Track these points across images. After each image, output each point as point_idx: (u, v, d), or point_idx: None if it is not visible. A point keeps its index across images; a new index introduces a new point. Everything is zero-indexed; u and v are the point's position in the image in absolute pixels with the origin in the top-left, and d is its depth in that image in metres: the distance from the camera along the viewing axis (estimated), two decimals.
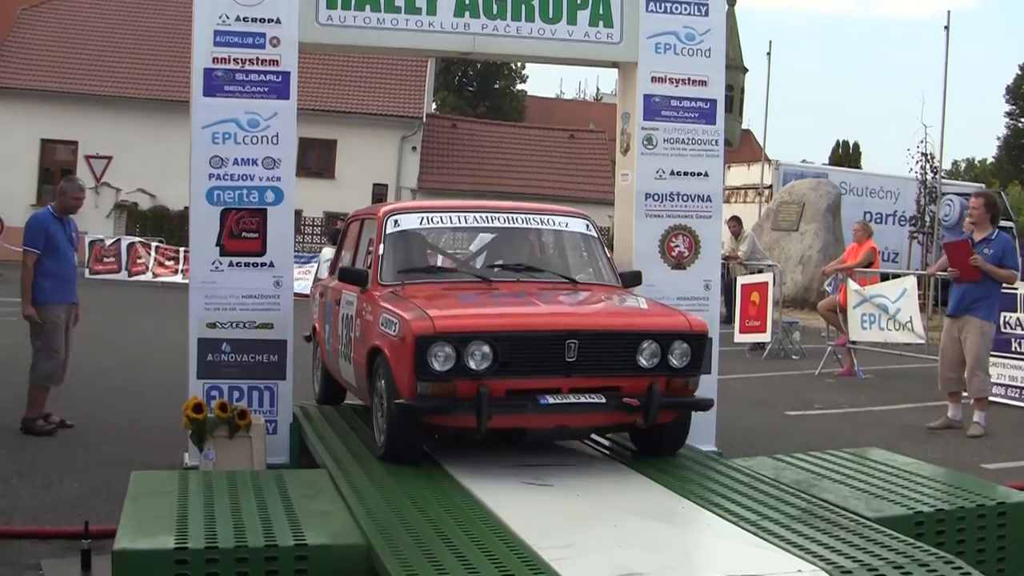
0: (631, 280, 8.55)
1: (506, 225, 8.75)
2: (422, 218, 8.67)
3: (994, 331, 12.01)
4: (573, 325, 7.03)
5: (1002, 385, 13.67)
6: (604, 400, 6.92)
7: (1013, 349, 13.41)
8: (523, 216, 8.82)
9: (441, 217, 8.81)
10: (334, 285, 9.26)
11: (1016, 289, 13.01)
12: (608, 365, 7.03)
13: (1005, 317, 13.40)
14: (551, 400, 6.82)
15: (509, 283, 8.07)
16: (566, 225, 8.87)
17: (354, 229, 9.80)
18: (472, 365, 6.72)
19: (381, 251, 8.23)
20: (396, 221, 8.42)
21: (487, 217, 8.79)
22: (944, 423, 12.08)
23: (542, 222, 8.91)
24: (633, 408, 6.97)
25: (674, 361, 7.13)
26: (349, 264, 9.31)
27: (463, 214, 8.87)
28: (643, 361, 7.06)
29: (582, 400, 6.88)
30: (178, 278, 29.69)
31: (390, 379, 7.03)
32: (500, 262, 8.65)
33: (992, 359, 12.41)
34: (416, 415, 6.85)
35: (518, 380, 6.88)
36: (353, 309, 8.31)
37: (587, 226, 8.85)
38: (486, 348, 6.73)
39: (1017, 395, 13.65)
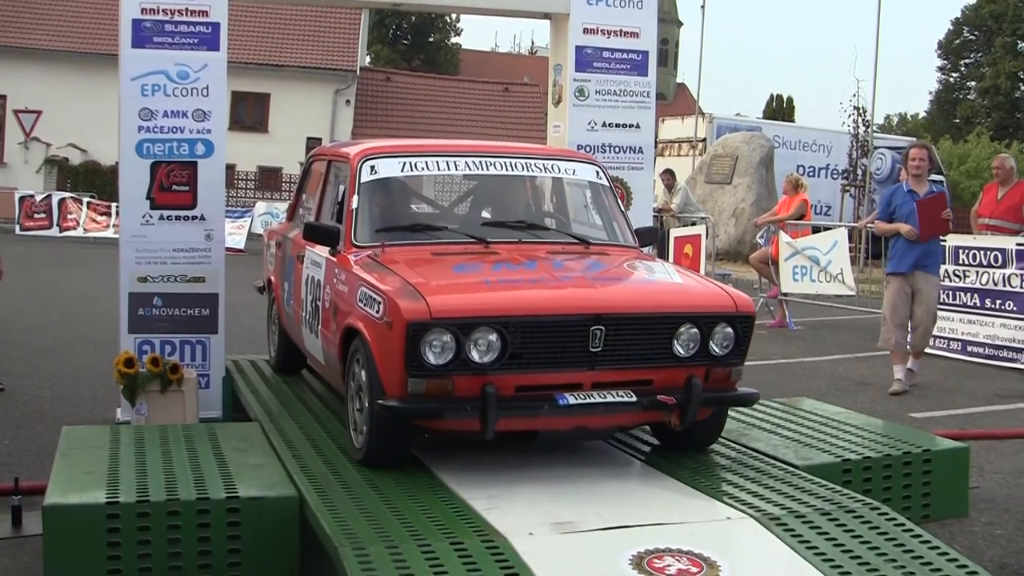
0: (646, 238, 7.54)
1: (503, 172, 7.35)
2: (403, 163, 7.21)
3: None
4: (601, 307, 5.74)
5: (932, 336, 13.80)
6: (635, 399, 5.76)
7: (942, 301, 13.54)
8: (524, 160, 7.48)
9: (426, 162, 7.30)
10: (294, 236, 8.11)
11: (945, 242, 13.06)
12: (639, 354, 5.84)
13: None
14: (572, 400, 5.66)
15: (510, 245, 6.74)
16: (574, 172, 7.64)
17: (317, 171, 8.37)
18: (476, 357, 5.55)
19: (355, 204, 6.90)
20: (373, 167, 7.06)
21: (481, 162, 7.31)
22: (902, 387, 11.58)
23: (546, 168, 7.66)
24: (668, 406, 5.85)
25: (716, 348, 5.97)
26: (313, 215, 7.99)
27: (452, 158, 7.39)
28: (680, 349, 5.89)
29: (608, 399, 5.71)
30: (110, 233, 29.33)
31: (373, 372, 5.79)
32: (498, 218, 7.39)
33: None
34: (405, 418, 5.73)
35: (531, 375, 5.71)
36: (321, 273, 7.10)
37: (597, 173, 7.61)
38: (493, 336, 5.55)
39: (945, 345, 13.83)
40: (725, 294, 6.15)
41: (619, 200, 7.65)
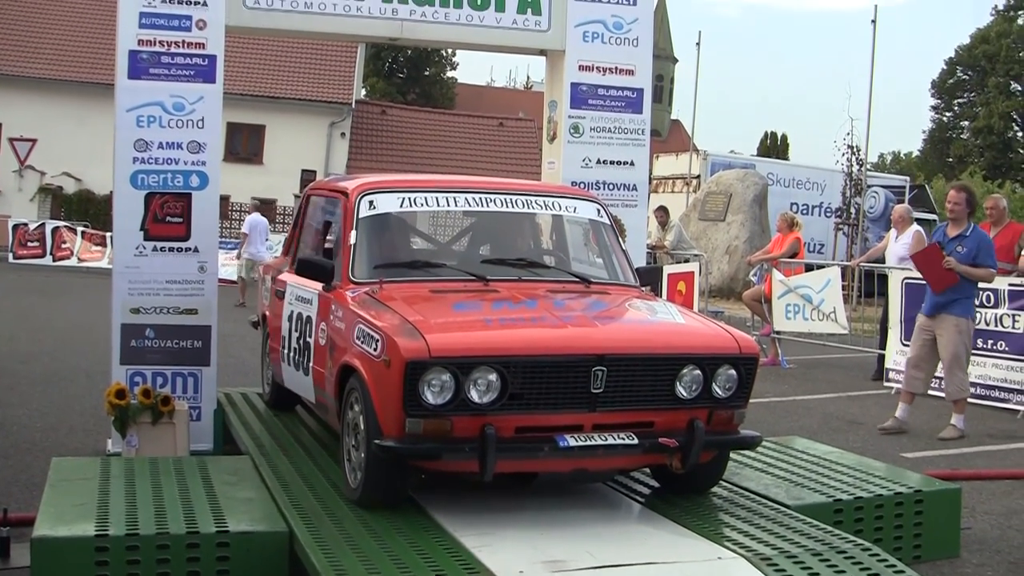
0: (648, 277, 7.54)
1: (503, 209, 7.27)
2: (402, 199, 7.17)
3: (972, 328, 11.49)
4: (603, 347, 5.70)
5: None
6: (636, 441, 5.68)
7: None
8: (524, 197, 7.40)
9: (425, 198, 7.24)
10: (284, 274, 8.14)
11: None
12: (641, 396, 5.78)
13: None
14: (572, 442, 5.56)
15: (510, 283, 6.70)
16: (574, 210, 7.60)
17: (314, 205, 8.27)
18: (475, 397, 5.48)
19: (353, 240, 6.84)
20: (371, 202, 7.01)
21: (481, 198, 7.27)
22: (895, 424, 11.52)
23: (546, 205, 7.59)
24: (669, 449, 5.79)
25: (719, 390, 5.91)
26: (310, 250, 7.90)
27: (451, 194, 7.32)
28: (682, 390, 5.83)
29: (609, 441, 5.64)
30: (104, 263, 29.31)
31: (370, 411, 5.72)
32: (497, 255, 7.29)
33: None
34: (402, 459, 5.66)
35: (532, 416, 5.63)
36: (312, 309, 7.09)
37: (598, 211, 7.57)
38: (493, 376, 5.48)
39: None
40: (728, 335, 6.10)
41: (619, 238, 7.63)
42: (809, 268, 17.99)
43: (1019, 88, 73.03)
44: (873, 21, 28.81)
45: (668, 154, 40.54)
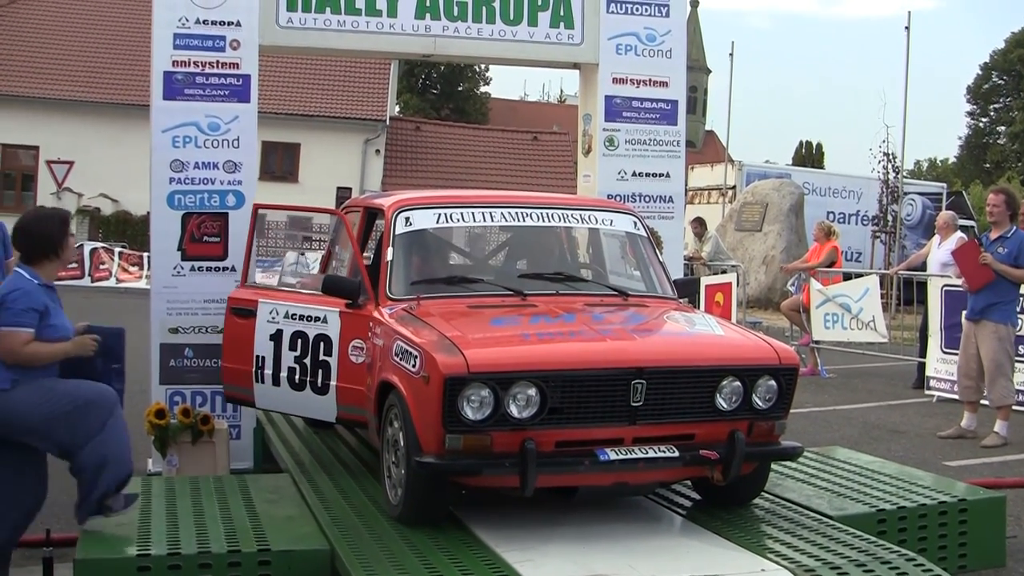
0: (687, 289, 7.47)
1: (540, 223, 7.25)
2: (439, 215, 7.13)
3: (1013, 335, 11.37)
4: (642, 360, 5.67)
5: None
6: (677, 453, 5.66)
7: None
8: (560, 211, 7.40)
9: (462, 213, 7.21)
10: (240, 290, 7.80)
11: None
12: (681, 408, 5.77)
13: None
14: (612, 455, 5.54)
15: (547, 298, 6.67)
16: (611, 223, 7.56)
17: (350, 223, 7.95)
18: (515, 412, 5.46)
19: (390, 256, 6.81)
20: (408, 219, 6.99)
21: (517, 213, 7.21)
22: (956, 432, 11.56)
23: (583, 219, 7.58)
24: (710, 461, 5.75)
25: (759, 401, 5.89)
26: (346, 269, 7.77)
27: (487, 209, 7.25)
28: (722, 403, 5.81)
29: (650, 455, 5.61)
30: (141, 283, 29.47)
31: (410, 428, 5.69)
32: (534, 270, 7.27)
33: None
34: (443, 475, 5.63)
35: (572, 430, 5.62)
36: (331, 327, 6.90)
37: (635, 223, 7.51)
38: (532, 391, 5.46)
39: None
40: (768, 346, 6.09)
41: (656, 251, 7.54)
42: (847, 277, 17.91)
43: None
44: (907, 27, 28.74)
45: (703, 165, 40.44)
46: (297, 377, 7.06)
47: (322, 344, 6.94)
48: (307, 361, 7.01)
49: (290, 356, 7.06)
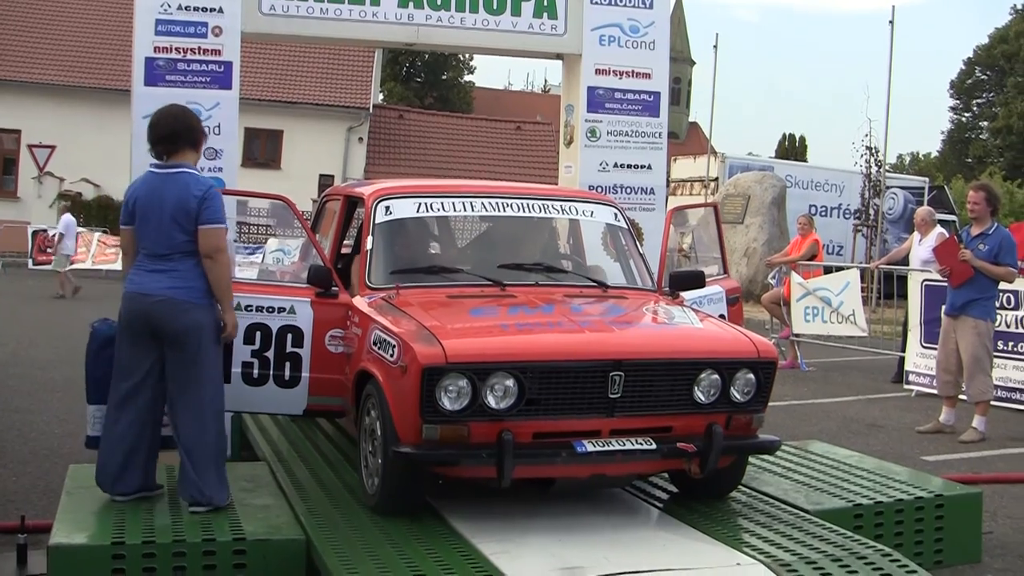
0: (690, 282, 7.20)
1: (520, 214, 7.27)
2: (419, 204, 7.16)
3: (992, 330, 11.44)
4: (620, 353, 5.68)
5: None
6: (654, 446, 5.66)
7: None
8: (541, 202, 7.44)
9: (442, 203, 7.28)
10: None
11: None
12: (659, 401, 5.76)
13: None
14: (590, 447, 5.54)
15: (526, 288, 6.68)
16: (591, 214, 7.56)
17: (330, 211, 8.23)
18: (492, 403, 5.45)
19: (369, 245, 6.82)
20: (388, 208, 6.99)
21: (498, 203, 7.21)
22: (934, 427, 11.63)
23: (563, 210, 7.60)
24: (688, 454, 5.75)
25: (737, 395, 5.89)
26: (326, 254, 7.43)
27: (468, 199, 7.32)
28: (700, 395, 5.81)
29: (627, 447, 5.62)
30: (117, 264, 29.19)
31: (387, 418, 5.67)
32: (514, 261, 7.09)
33: None
34: (420, 465, 5.65)
35: (549, 421, 5.61)
36: (300, 318, 6.74)
37: (615, 215, 7.55)
38: (510, 382, 5.45)
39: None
40: (747, 340, 6.08)
41: (637, 243, 7.52)
42: (828, 270, 17.93)
43: None
44: (891, 21, 28.71)
45: (686, 157, 40.40)
46: (256, 371, 6.82)
47: (290, 336, 6.81)
48: (269, 354, 6.83)
49: (245, 350, 6.81)
